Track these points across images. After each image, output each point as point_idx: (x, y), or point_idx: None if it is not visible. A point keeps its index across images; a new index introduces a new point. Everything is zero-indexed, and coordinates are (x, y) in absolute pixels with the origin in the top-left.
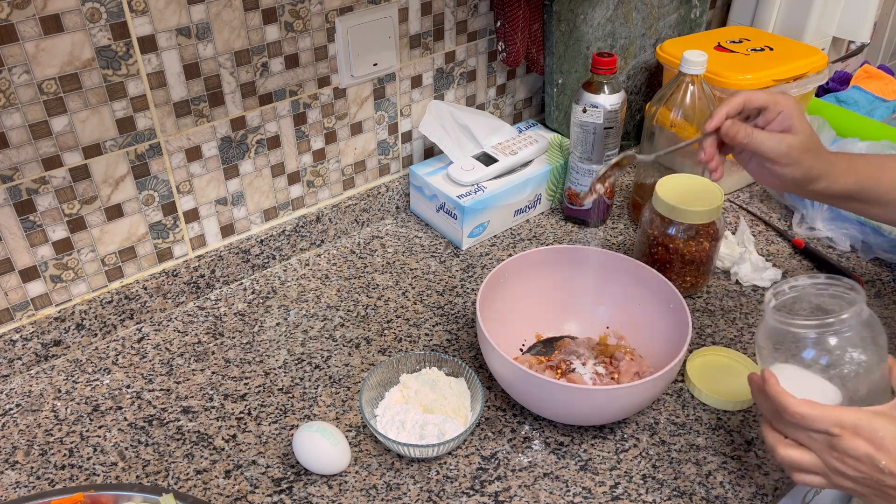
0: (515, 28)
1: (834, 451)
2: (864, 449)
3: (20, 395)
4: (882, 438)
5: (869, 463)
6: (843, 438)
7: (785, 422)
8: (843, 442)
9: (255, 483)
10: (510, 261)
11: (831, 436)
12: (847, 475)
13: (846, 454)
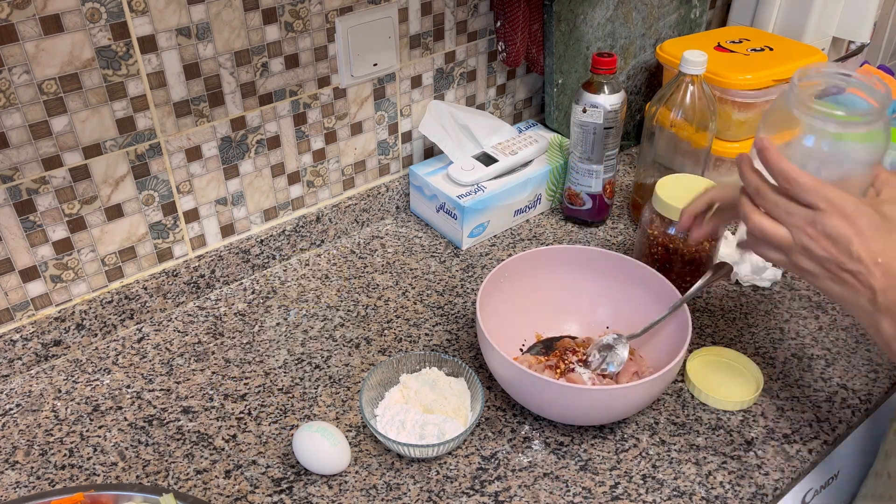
0: (515, 28)
1: (812, 226)
2: (843, 229)
3: (20, 395)
4: (862, 224)
5: (842, 245)
6: (827, 214)
7: (768, 198)
8: (826, 217)
9: (255, 483)
10: (510, 261)
11: (816, 210)
12: (813, 254)
13: (823, 231)
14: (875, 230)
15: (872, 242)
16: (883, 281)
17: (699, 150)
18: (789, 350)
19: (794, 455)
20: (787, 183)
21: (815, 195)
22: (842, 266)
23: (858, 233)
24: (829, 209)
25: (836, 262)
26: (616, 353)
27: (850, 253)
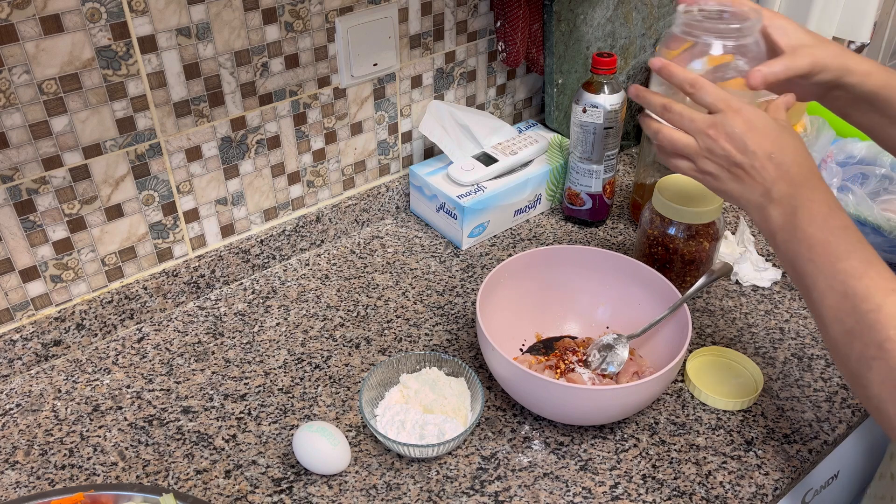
0: (515, 28)
1: (713, 128)
2: (740, 127)
3: (20, 395)
4: (757, 123)
5: (739, 141)
6: (726, 114)
7: (673, 110)
8: (725, 118)
9: (255, 483)
10: (510, 261)
11: (717, 113)
12: (714, 154)
13: (724, 130)
14: (768, 129)
15: (765, 139)
16: (775, 173)
17: None
18: (789, 350)
19: (794, 455)
20: (693, 87)
21: (715, 97)
22: (739, 162)
23: (752, 129)
24: (727, 110)
25: (734, 159)
26: (616, 353)
27: (746, 148)
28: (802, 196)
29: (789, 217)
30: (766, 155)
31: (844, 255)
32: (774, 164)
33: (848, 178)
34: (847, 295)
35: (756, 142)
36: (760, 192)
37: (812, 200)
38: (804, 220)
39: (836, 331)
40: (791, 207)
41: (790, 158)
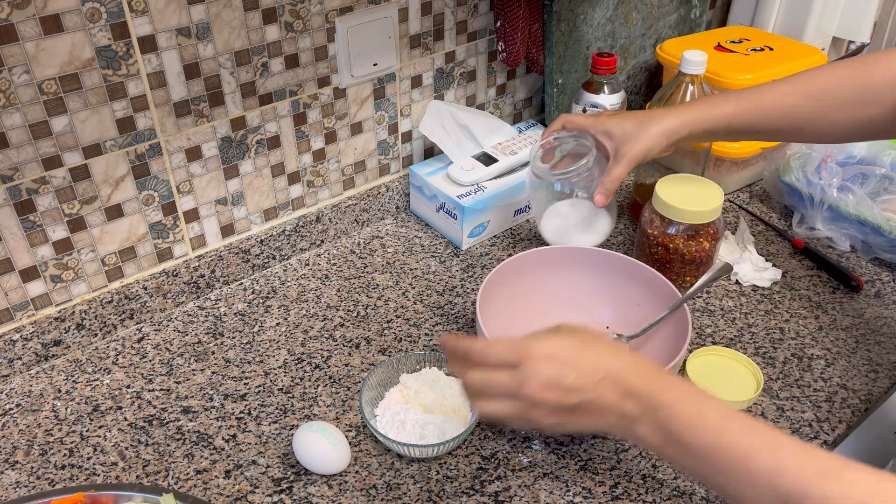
0: (515, 28)
1: (523, 385)
2: (550, 370)
3: (20, 395)
4: (563, 356)
5: (558, 385)
6: (528, 366)
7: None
8: (529, 369)
9: (255, 483)
10: (510, 261)
11: (518, 368)
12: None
13: (535, 382)
14: (577, 354)
15: (581, 367)
16: (614, 394)
17: (699, 150)
18: (789, 350)
19: None
20: (481, 357)
21: (504, 353)
22: (572, 404)
23: (563, 364)
24: (525, 360)
25: (565, 404)
26: None
27: (570, 388)
28: (659, 402)
29: (664, 433)
30: (594, 382)
31: (750, 452)
32: (608, 385)
33: (848, 178)
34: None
35: (574, 376)
36: (615, 417)
37: (673, 405)
38: (682, 432)
39: None
40: (657, 421)
41: (617, 370)
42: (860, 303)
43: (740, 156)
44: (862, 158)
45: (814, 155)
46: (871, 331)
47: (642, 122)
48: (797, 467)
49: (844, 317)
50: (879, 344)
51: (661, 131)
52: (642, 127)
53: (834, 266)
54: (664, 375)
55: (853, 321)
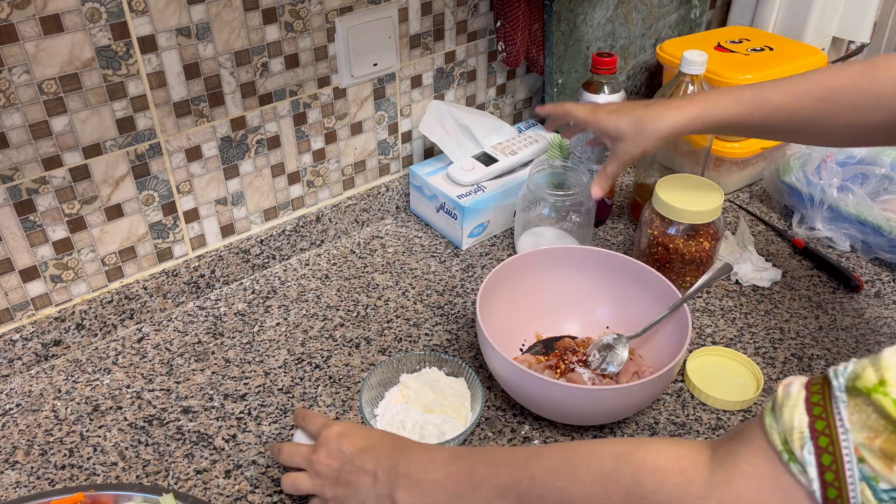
0: (515, 28)
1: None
2: (334, 439)
3: (20, 395)
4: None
5: (336, 450)
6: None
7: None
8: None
9: (255, 483)
10: (510, 261)
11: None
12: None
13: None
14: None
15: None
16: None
17: (699, 149)
18: (789, 350)
19: None
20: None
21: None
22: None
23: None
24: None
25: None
26: (616, 353)
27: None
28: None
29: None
30: (361, 448)
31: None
32: (371, 452)
33: (848, 178)
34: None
35: (349, 442)
36: (371, 482)
37: (411, 456)
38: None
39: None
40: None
41: (379, 443)
42: (860, 303)
43: (740, 156)
44: (862, 158)
45: (814, 155)
46: (871, 331)
47: (641, 121)
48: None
49: (844, 317)
50: (879, 344)
51: (659, 134)
52: (640, 127)
53: (834, 266)
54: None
55: (853, 321)
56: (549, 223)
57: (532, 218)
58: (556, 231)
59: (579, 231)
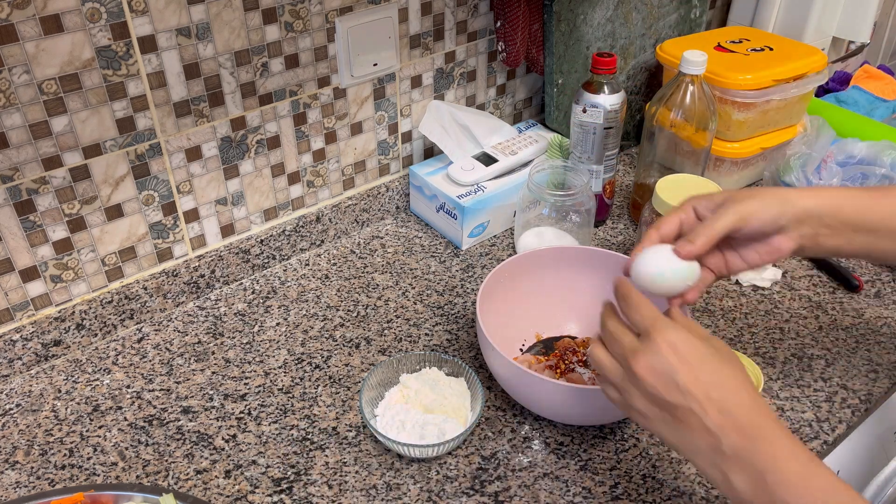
0: (515, 28)
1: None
2: (666, 359)
3: (20, 395)
4: (688, 354)
5: (667, 376)
6: (651, 340)
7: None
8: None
9: (255, 483)
10: (510, 261)
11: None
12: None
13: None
14: (703, 361)
15: (700, 374)
16: (720, 420)
17: (699, 150)
18: (789, 350)
19: None
20: (623, 300)
21: (643, 315)
22: (671, 403)
23: (683, 361)
24: (652, 332)
25: (663, 398)
26: None
27: (677, 385)
28: (764, 452)
29: (759, 484)
30: (705, 394)
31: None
32: (717, 407)
33: (848, 178)
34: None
35: (689, 377)
36: (707, 444)
37: (778, 458)
38: (781, 489)
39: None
40: (756, 471)
41: (734, 399)
42: (860, 303)
43: (740, 156)
44: (862, 158)
45: (814, 155)
46: (871, 331)
47: (754, 190)
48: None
49: (844, 317)
50: (879, 344)
51: (775, 194)
52: (754, 190)
53: (834, 266)
54: (772, 418)
55: (853, 321)
56: (549, 223)
57: (532, 218)
58: (556, 231)
59: (579, 231)
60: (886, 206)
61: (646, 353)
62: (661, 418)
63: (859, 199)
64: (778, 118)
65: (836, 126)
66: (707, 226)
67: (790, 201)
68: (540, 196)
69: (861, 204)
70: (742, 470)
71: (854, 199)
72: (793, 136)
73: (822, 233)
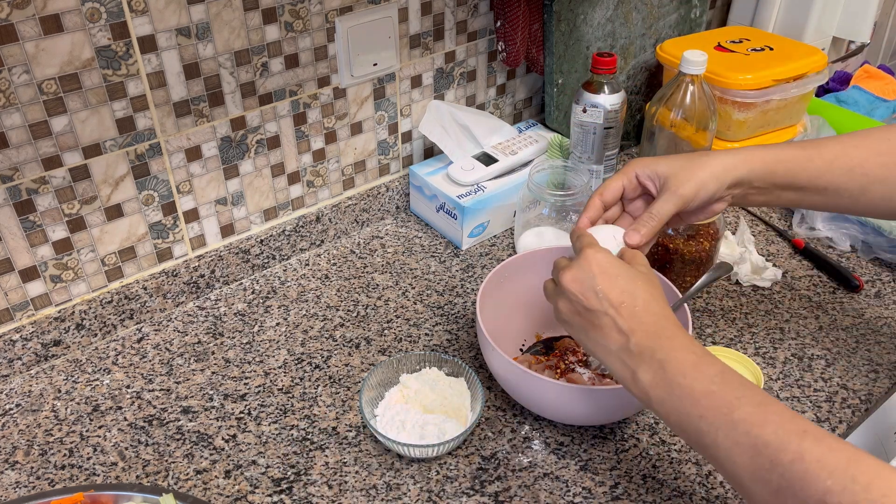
0: (515, 28)
1: (566, 270)
2: (589, 271)
3: (20, 395)
4: (608, 267)
5: (587, 285)
6: (581, 258)
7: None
8: (580, 261)
9: (255, 483)
10: (510, 261)
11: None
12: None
13: (575, 274)
14: (620, 275)
15: (617, 283)
16: (629, 323)
17: (699, 149)
18: (789, 350)
19: None
20: (572, 234)
21: (581, 242)
22: (589, 307)
23: (603, 273)
24: (583, 253)
25: (584, 303)
26: None
27: (595, 292)
28: (664, 347)
29: (659, 374)
30: (618, 301)
31: (736, 404)
32: (627, 312)
33: None
34: (758, 448)
35: (606, 285)
36: (618, 344)
37: (675, 349)
38: (676, 374)
39: (762, 493)
40: (657, 361)
41: (642, 306)
42: (860, 303)
43: None
44: None
45: None
46: (871, 331)
47: (691, 159)
48: (779, 423)
49: (844, 317)
50: (879, 344)
51: (712, 171)
52: (692, 164)
53: (834, 266)
54: (674, 323)
55: (853, 321)
56: (549, 223)
57: (532, 218)
58: (556, 231)
59: None
60: (816, 166)
61: (572, 267)
62: (581, 325)
63: (791, 160)
64: (778, 118)
65: (836, 126)
66: (652, 216)
67: (726, 173)
68: (540, 196)
69: (792, 166)
70: (646, 364)
71: (785, 163)
72: (793, 135)
73: (751, 192)
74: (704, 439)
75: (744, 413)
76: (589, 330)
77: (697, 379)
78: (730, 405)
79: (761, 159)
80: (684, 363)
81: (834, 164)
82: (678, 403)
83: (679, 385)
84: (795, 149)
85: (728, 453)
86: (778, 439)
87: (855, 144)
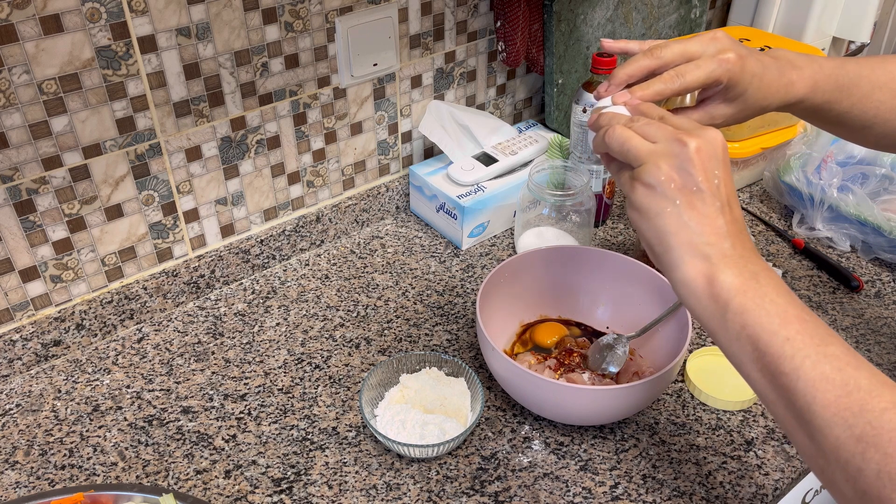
0: (515, 28)
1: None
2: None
3: (20, 395)
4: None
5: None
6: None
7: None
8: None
9: (255, 483)
10: (510, 261)
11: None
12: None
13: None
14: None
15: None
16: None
17: None
18: None
19: (794, 455)
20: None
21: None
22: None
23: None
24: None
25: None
26: (616, 353)
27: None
28: (758, 264)
29: (751, 281)
30: (729, 197)
31: (829, 340)
32: (734, 214)
33: (848, 178)
34: (849, 388)
35: (725, 176)
36: (711, 236)
37: (769, 273)
38: (769, 289)
39: (840, 435)
40: (749, 272)
41: (740, 217)
42: (860, 303)
43: (740, 156)
44: (862, 158)
45: (814, 155)
46: (871, 331)
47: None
48: (872, 371)
49: (844, 317)
50: (879, 344)
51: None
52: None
53: (834, 266)
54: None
55: (853, 321)
56: (550, 223)
57: (532, 218)
58: (556, 231)
59: (579, 231)
60: None
61: (700, 136)
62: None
63: None
64: (778, 118)
65: None
66: None
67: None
68: (540, 196)
69: None
70: (738, 268)
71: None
72: (793, 135)
73: None
74: (783, 364)
75: (838, 350)
76: (684, 209)
77: (791, 303)
78: (823, 338)
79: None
80: (779, 287)
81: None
82: (765, 319)
83: (772, 301)
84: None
85: (811, 385)
86: (871, 385)
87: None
